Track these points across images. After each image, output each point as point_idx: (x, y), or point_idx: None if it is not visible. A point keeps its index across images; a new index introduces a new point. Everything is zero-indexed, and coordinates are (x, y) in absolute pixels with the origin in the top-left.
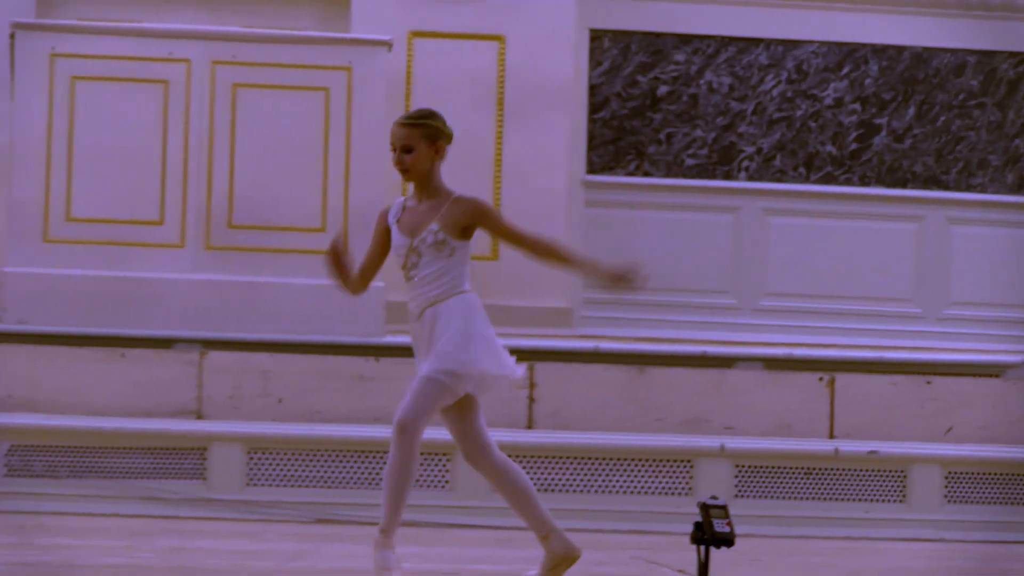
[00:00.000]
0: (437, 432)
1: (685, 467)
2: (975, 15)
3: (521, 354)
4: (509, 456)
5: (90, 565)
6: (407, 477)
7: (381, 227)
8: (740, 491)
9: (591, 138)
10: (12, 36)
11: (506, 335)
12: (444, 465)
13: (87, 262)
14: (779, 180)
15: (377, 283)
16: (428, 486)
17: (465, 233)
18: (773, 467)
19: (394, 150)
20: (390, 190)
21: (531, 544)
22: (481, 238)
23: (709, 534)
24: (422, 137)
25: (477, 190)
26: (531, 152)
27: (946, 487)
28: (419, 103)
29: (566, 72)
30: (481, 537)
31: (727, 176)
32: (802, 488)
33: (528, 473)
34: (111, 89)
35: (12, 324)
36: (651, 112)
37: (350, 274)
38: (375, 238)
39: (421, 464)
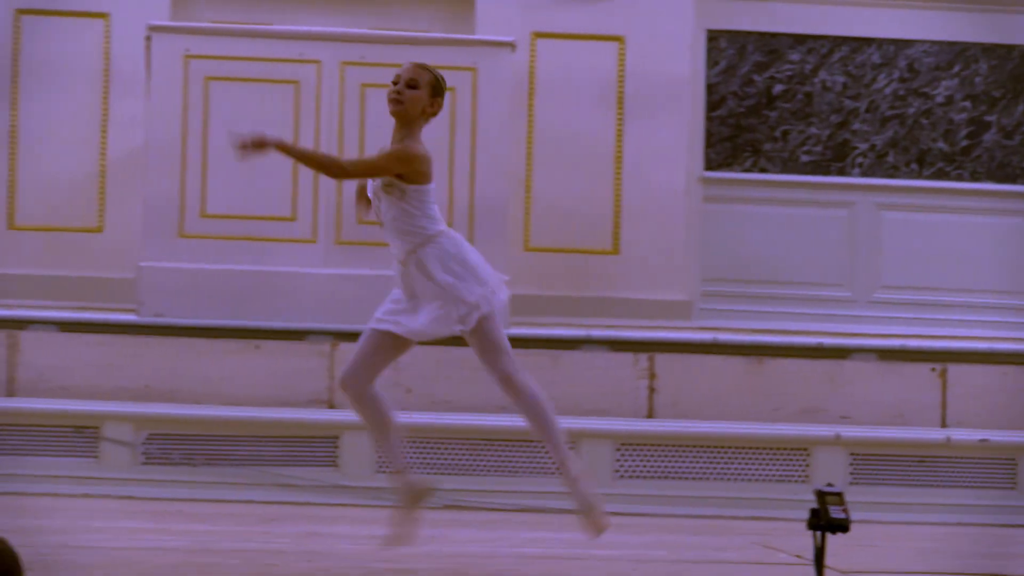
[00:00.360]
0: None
1: (801, 455)
2: None
3: (642, 345)
4: (631, 445)
5: (226, 550)
6: (544, 415)
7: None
8: (855, 478)
9: (708, 136)
10: (148, 38)
11: (627, 327)
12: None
13: (221, 257)
14: (892, 176)
15: (501, 275)
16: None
17: (403, 177)
18: (887, 455)
19: (395, 83)
20: (514, 185)
21: (653, 528)
22: (604, 232)
23: (825, 520)
24: (428, 84)
25: (598, 186)
26: (650, 149)
27: None
28: (541, 102)
29: (684, 72)
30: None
31: (841, 172)
32: (915, 475)
33: (648, 461)
34: (244, 89)
35: (149, 317)
36: (767, 110)
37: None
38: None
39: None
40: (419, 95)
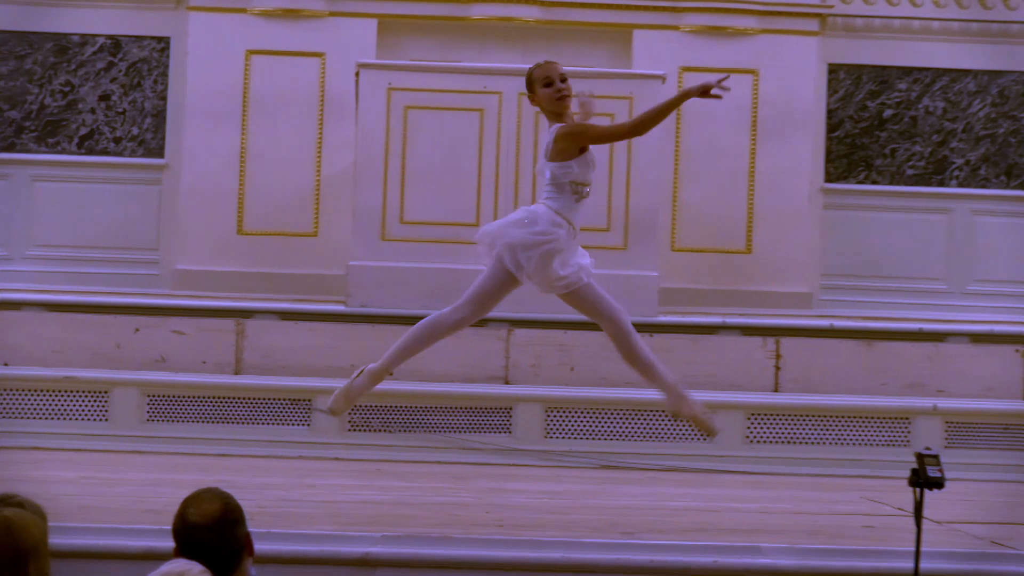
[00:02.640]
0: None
1: (904, 423)
2: None
3: (769, 330)
4: (759, 415)
5: (420, 502)
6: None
7: None
8: (949, 443)
9: (828, 153)
10: (357, 74)
11: (757, 315)
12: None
13: (417, 257)
14: (984, 186)
15: (651, 272)
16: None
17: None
18: (977, 423)
19: (552, 83)
20: (664, 196)
21: (778, 485)
22: (739, 235)
23: (923, 478)
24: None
25: (734, 197)
26: (779, 165)
27: None
28: (687, 125)
29: (808, 98)
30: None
31: (941, 184)
32: (1001, 441)
33: (773, 429)
34: (437, 116)
35: (355, 307)
36: (878, 131)
37: None
38: None
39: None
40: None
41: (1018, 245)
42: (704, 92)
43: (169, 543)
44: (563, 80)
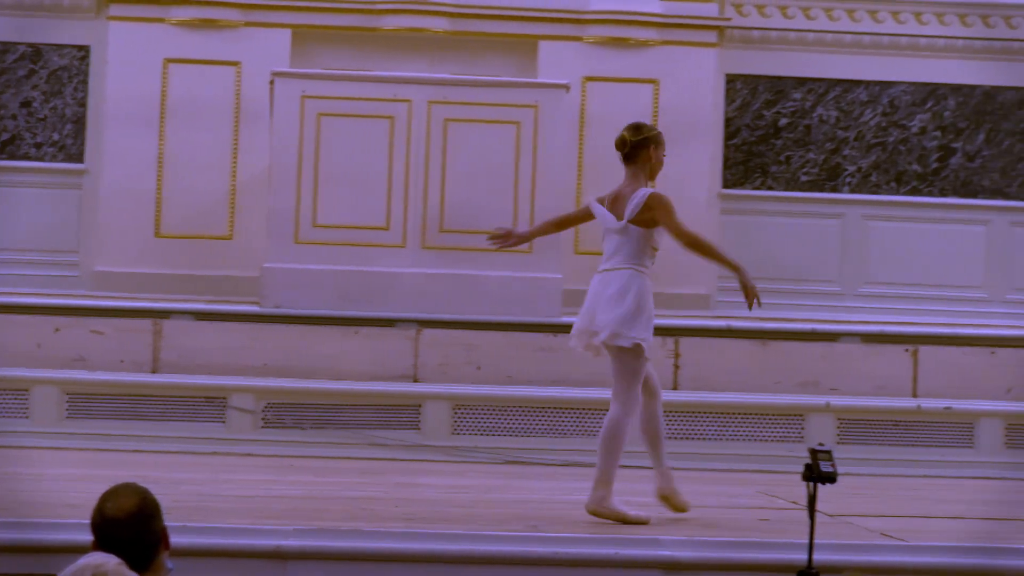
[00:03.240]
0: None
1: (798, 420)
2: None
3: (669, 331)
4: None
5: (330, 496)
6: (620, 439)
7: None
8: (842, 439)
9: (726, 160)
10: (271, 82)
11: (657, 315)
12: None
13: (329, 259)
14: (875, 192)
15: (555, 274)
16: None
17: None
18: (868, 420)
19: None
20: (568, 202)
21: (677, 479)
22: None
23: (817, 473)
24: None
25: None
26: (679, 171)
27: (1006, 436)
28: (590, 134)
29: (707, 108)
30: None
31: (834, 190)
32: (891, 437)
33: (673, 425)
34: (349, 124)
35: (269, 308)
36: (774, 139)
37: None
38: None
39: None
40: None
41: (908, 249)
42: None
43: (88, 536)
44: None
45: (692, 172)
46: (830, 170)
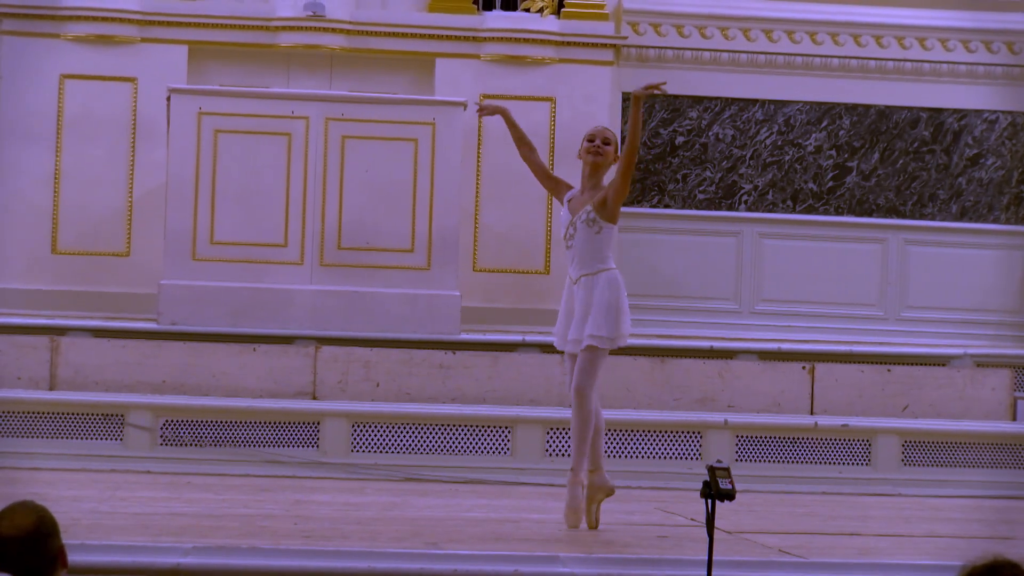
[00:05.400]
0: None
1: (696, 437)
2: (926, 79)
3: None
4: (556, 428)
5: (227, 514)
6: (586, 429)
7: (558, 181)
8: (739, 456)
9: None
10: (168, 98)
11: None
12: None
13: (227, 276)
14: (771, 211)
15: (453, 292)
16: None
17: (605, 213)
18: (765, 437)
19: (593, 140)
20: (465, 218)
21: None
22: (538, 255)
23: (715, 490)
24: (616, 141)
25: (532, 217)
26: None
27: (903, 453)
28: (488, 152)
29: (604, 125)
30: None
31: (730, 207)
32: (788, 454)
33: (570, 441)
34: (246, 140)
35: (167, 325)
36: (670, 157)
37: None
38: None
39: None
40: (611, 151)
41: (803, 267)
42: (648, 88)
43: None
44: (604, 141)
45: None
46: (726, 188)
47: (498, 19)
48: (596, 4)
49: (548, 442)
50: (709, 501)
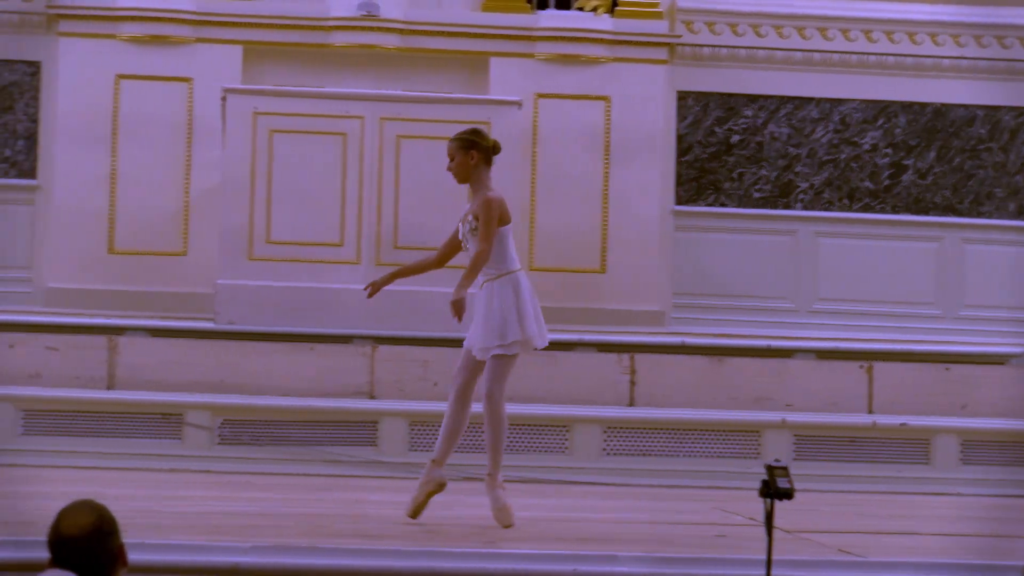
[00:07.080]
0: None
1: (754, 436)
2: (984, 77)
3: (624, 347)
4: (615, 428)
5: (285, 513)
6: (500, 433)
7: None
8: (798, 455)
9: (678, 177)
10: (223, 99)
11: (612, 332)
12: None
13: (283, 275)
14: (827, 209)
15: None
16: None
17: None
18: (824, 436)
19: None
20: (521, 217)
21: (634, 496)
22: (593, 254)
23: (773, 489)
24: (458, 149)
25: (587, 217)
26: (631, 188)
27: (962, 452)
28: (542, 151)
29: (658, 124)
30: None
31: (786, 206)
32: (847, 453)
33: (628, 441)
34: (301, 140)
35: (224, 324)
36: (726, 156)
37: (417, 271)
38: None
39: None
40: (458, 163)
41: (860, 265)
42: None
43: (44, 554)
44: (450, 159)
45: (644, 189)
46: (782, 187)
47: (552, 18)
48: (650, 3)
49: (607, 441)
50: (768, 500)
